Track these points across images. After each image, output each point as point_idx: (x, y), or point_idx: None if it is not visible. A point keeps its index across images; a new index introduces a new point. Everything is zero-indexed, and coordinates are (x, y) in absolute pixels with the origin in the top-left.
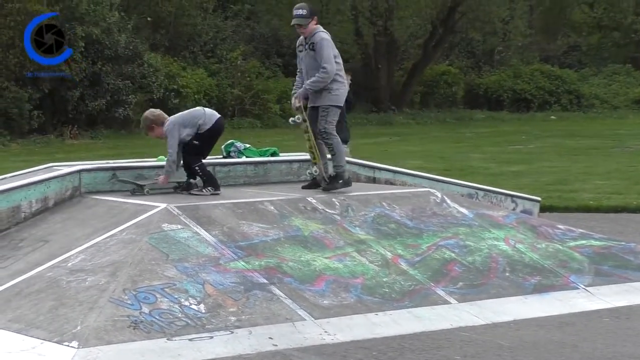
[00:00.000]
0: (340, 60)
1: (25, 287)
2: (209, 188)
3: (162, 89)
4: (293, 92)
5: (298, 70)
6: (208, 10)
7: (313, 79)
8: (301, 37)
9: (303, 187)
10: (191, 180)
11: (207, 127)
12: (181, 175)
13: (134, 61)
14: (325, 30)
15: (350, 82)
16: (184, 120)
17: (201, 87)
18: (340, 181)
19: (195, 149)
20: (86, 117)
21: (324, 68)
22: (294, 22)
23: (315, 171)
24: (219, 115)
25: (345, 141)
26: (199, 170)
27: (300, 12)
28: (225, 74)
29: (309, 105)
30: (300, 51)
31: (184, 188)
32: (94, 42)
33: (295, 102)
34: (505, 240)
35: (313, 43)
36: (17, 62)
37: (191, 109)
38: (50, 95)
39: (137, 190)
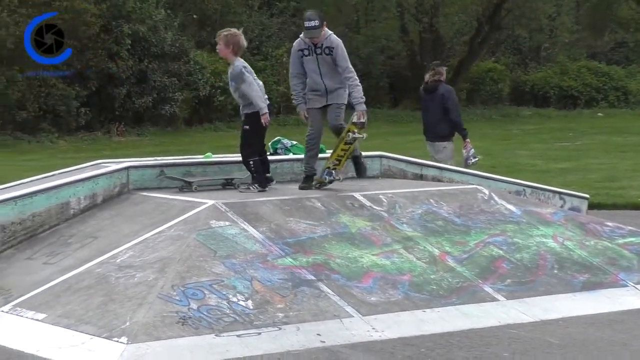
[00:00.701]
0: None
1: (75, 282)
2: (256, 185)
3: (208, 86)
4: (298, 101)
5: (294, 74)
6: (253, 8)
7: (357, 89)
8: (305, 40)
9: (301, 188)
10: (267, 175)
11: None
12: (228, 173)
13: (180, 58)
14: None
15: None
16: (250, 74)
17: None
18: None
19: (247, 139)
20: (133, 115)
21: (351, 72)
22: (308, 35)
23: (340, 179)
24: (268, 102)
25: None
26: (252, 166)
27: (313, 23)
28: (271, 71)
29: (313, 107)
30: (306, 55)
31: (226, 184)
32: (140, 39)
33: (360, 117)
34: (553, 237)
35: (330, 47)
36: (64, 59)
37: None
38: (97, 93)
39: (185, 186)
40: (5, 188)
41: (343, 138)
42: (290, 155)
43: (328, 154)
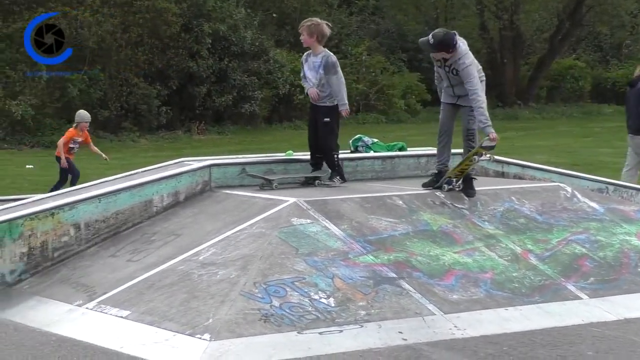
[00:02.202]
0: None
1: (158, 280)
2: (338, 178)
3: (287, 84)
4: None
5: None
6: (333, 6)
7: (480, 111)
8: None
9: (424, 185)
10: (315, 174)
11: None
12: (309, 171)
13: (259, 57)
14: (465, 51)
15: None
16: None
17: None
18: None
19: (331, 131)
20: (213, 113)
21: (474, 93)
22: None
23: (460, 186)
24: None
25: None
26: (336, 159)
27: (427, 39)
28: (350, 69)
29: (444, 102)
30: (439, 67)
31: (307, 181)
32: (220, 38)
33: (492, 141)
34: (637, 235)
35: (456, 70)
36: (145, 59)
37: None
38: (178, 92)
39: (266, 184)
40: (89, 186)
41: (468, 157)
42: (371, 153)
43: (413, 151)
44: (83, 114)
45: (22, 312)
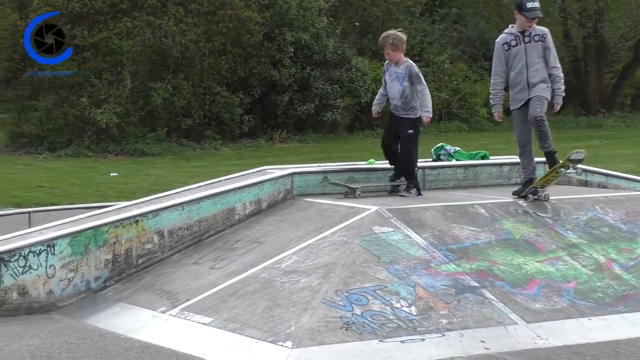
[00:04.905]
0: None
1: (241, 287)
2: (414, 190)
3: (369, 93)
4: (495, 101)
5: (497, 72)
6: (415, 14)
7: (560, 83)
8: (512, 32)
9: (514, 193)
10: (398, 182)
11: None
12: (387, 179)
13: (341, 66)
14: None
15: None
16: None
17: None
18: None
19: (414, 143)
20: (295, 121)
21: (557, 67)
22: (532, 15)
23: (546, 196)
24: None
25: None
26: (416, 171)
27: (536, 4)
28: (432, 77)
29: (515, 108)
30: (513, 46)
31: (393, 190)
32: (302, 47)
33: (579, 154)
34: None
35: (541, 35)
36: (228, 67)
37: None
38: (260, 100)
39: (349, 192)
40: (173, 194)
41: (555, 169)
42: (453, 162)
43: (495, 159)
44: None
45: (106, 318)
